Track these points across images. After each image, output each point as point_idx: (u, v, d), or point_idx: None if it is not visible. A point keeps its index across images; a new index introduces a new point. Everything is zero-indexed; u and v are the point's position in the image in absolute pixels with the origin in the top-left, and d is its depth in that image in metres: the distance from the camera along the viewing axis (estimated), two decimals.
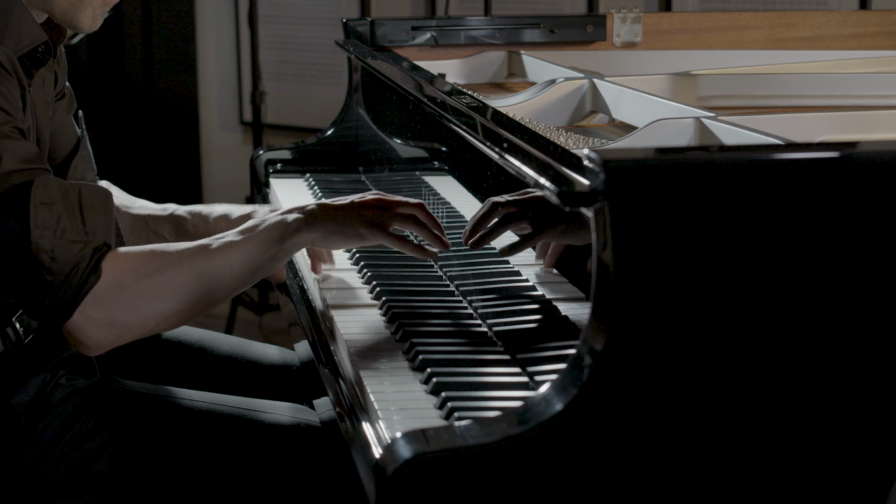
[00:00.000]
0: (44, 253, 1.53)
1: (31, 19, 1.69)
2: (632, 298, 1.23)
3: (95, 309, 1.55)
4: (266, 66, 4.46)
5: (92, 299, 1.55)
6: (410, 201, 1.74)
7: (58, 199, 1.56)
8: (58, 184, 1.58)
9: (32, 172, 1.57)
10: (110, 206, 1.61)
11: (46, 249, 1.53)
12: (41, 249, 1.53)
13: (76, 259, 1.54)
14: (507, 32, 2.69)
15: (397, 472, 1.20)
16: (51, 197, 1.56)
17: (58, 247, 1.54)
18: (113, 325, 1.57)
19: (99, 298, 1.55)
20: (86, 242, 1.56)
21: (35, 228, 1.53)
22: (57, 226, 1.55)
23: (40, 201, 1.55)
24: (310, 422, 1.78)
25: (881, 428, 1.30)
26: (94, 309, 1.55)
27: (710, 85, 2.28)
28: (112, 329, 1.57)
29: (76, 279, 1.54)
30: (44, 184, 1.56)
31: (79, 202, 1.57)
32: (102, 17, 1.73)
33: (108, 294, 1.56)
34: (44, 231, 1.54)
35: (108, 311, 1.56)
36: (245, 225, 1.68)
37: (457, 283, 1.82)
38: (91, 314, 1.55)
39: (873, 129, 1.86)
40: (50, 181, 1.57)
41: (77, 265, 1.54)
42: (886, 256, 1.27)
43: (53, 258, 1.53)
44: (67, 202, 1.56)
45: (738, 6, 3.61)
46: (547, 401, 1.25)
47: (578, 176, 1.33)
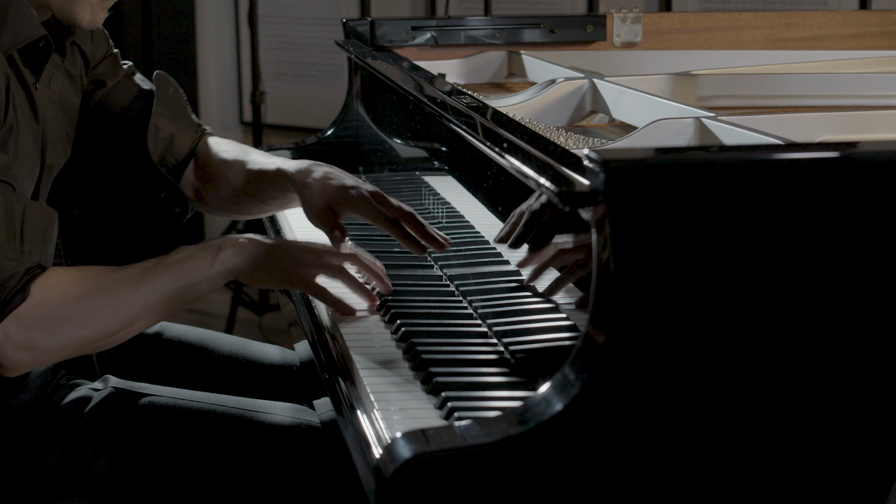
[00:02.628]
0: None
1: (30, 14, 1.68)
2: (632, 298, 1.23)
3: (17, 330, 1.53)
4: (266, 66, 4.46)
5: (15, 320, 1.53)
6: (342, 253, 1.71)
7: (0, 215, 1.55)
8: (3, 199, 1.56)
9: None
10: (53, 228, 1.60)
11: None
12: None
13: (6, 276, 1.53)
14: (507, 32, 2.69)
15: (397, 473, 1.20)
16: None
17: None
18: (33, 348, 1.56)
19: (22, 320, 1.53)
20: (20, 261, 1.54)
21: None
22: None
23: None
24: (310, 422, 1.78)
25: (881, 428, 1.30)
26: (15, 330, 1.53)
27: (710, 85, 2.28)
28: (31, 352, 1.56)
29: (2, 297, 1.52)
30: None
31: (21, 220, 1.56)
32: (103, 13, 1.72)
33: (32, 316, 1.54)
34: None
35: (30, 333, 1.54)
36: (177, 252, 1.67)
37: (457, 283, 1.82)
38: (12, 335, 1.53)
39: (873, 129, 1.86)
40: None
41: (6, 283, 1.53)
42: (886, 256, 1.27)
43: None
44: (9, 218, 1.55)
45: (738, 6, 3.61)
46: (547, 401, 1.25)
47: (578, 176, 1.33)
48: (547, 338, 1.54)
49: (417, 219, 1.76)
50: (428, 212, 2.10)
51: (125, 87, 1.97)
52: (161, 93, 1.99)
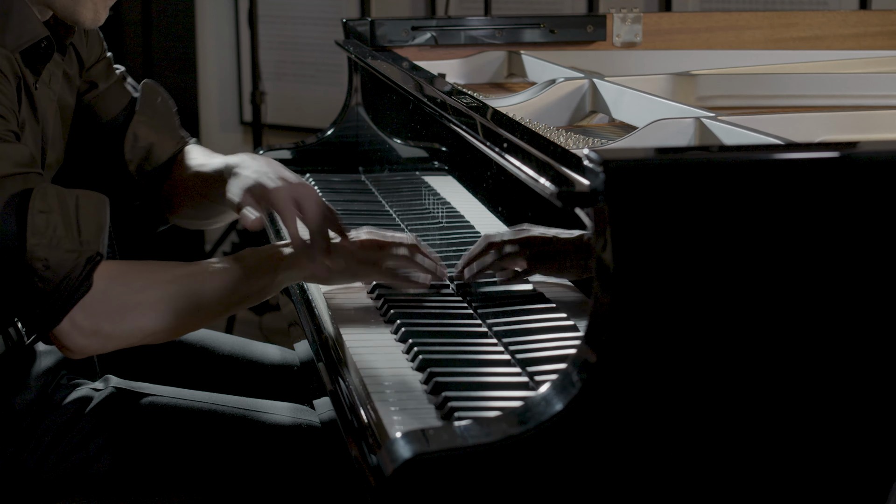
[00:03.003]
0: (38, 261, 1.54)
1: (33, 15, 1.69)
2: (632, 298, 1.23)
3: (83, 318, 1.57)
4: (266, 66, 4.46)
5: (81, 308, 1.56)
6: (405, 242, 1.74)
7: (55, 208, 1.57)
8: (56, 192, 1.58)
9: (26, 177, 1.58)
10: (105, 214, 1.62)
11: (41, 258, 1.54)
12: (36, 258, 1.54)
13: (69, 268, 1.55)
14: (507, 32, 2.69)
15: (397, 473, 1.20)
16: (49, 205, 1.56)
17: (52, 256, 1.55)
18: (98, 334, 1.59)
19: (88, 308, 1.56)
20: (80, 252, 1.56)
21: (31, 236, 1.54)
22: (53, 235, 1.55)
23: (38, 209, 1.55)
24: (310, 422, 1.78)
25: (881, 428, 1.30)
26: (82, 318, 1.57)
27: (710, 85, 2.28)
28: (97, 338, 1.59)
29: (67, 288, 1.55)
30: (42, 191, 1.57)
31: (76, 211, 1.58)
32: (105, 12, 1.73)
33: (96, 305, 1.57)
34: (40, 239, 1.54)
35: (96, 320, 1.58)
36: (241, 254, 1.69)
37: (456, 283, 1.82)
38: (79, 322, 1.57)
39: (873, 129, 1.86)
40: (49, 189, 1.58)
41: (69, 275, 1.55)
42: (886, 256, 1.27)
43: (47, 266, 1.54)
44: (65, 211, 1.57)
45: (738, 6, 3.61)
46: (547, 401, 1.25)
47: (578, 176, 1.33)
48: (547, 338, 1.54)
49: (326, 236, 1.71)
50: (428, 212, 2.10)
51: (115, 93, 1.97)
52: (146, 101, 1.99)
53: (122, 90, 1.98)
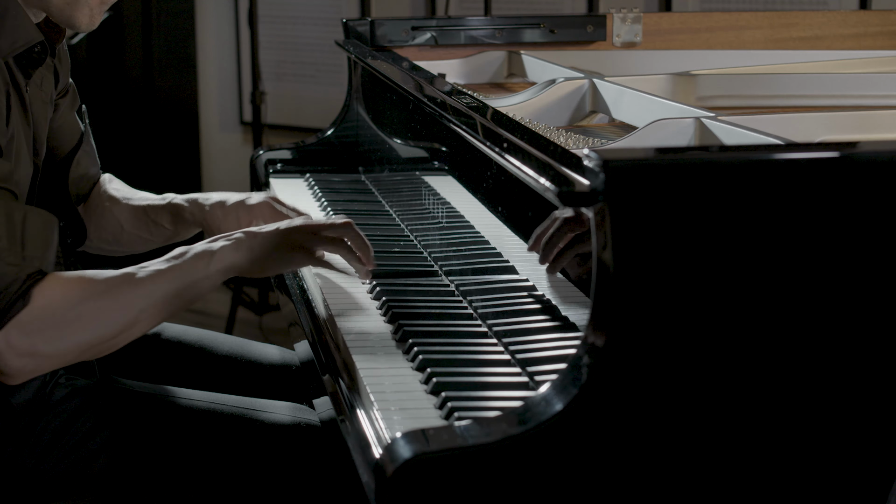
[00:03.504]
0: None
1: (27, 19, 1.69)
2: (632, 298, 1.23)
3: (18, 337, 1.54)
4: (266, 66, 4.46)
5: (16, 326, 1.53)
6: (336, 222, 1.74)
7: (1, 221, 1.55)
8: (5, 205, 1.56)
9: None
10: (54, 233, 1.60)
11: None
12: None
13: (8, 282, 1.53)
14: (507, 32, 2.69)
15: (397, 472, 1.20)
16: None
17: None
18: (35, 354, 1.56)
19: (24, 326, 1.53)
20: (21, 267, 1.54)
21: None
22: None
23: None
24: (310, 421, 1.78)
25: (881, 428, 1.30)
26: (17, 336, 1.53)
27: (710, 85, 2.28)
28: (33, 358, 1.56)
29: (3, 302, 1.52)
30: None
31: (22, 226, 1.56)
32: (101, 16, 1.73)
33: (33, 322, 1.54)
34: None
35: (31, 339, 1.54)
36: (172, 253, 1.67)
37: (457, 283, 1.82)
38: (13, 342, 1.53)
39: (873, 129, 1.86)
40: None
41: (7, 289, 1.53)
42: (886, 256, 1.27)
43: None
44: (10, 224, 1.55)
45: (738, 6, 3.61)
46: (547, 401, 1.25)
47: (578, 176, 1.33)
48: (547, 338, 1.54)
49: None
50: (428, 212, 2.10)
51: (71, 126, 1.98)
52: (86, 130, 2.02)
53: (75, 123, 1.99)
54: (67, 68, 1.93)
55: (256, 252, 1.68)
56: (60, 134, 1.96)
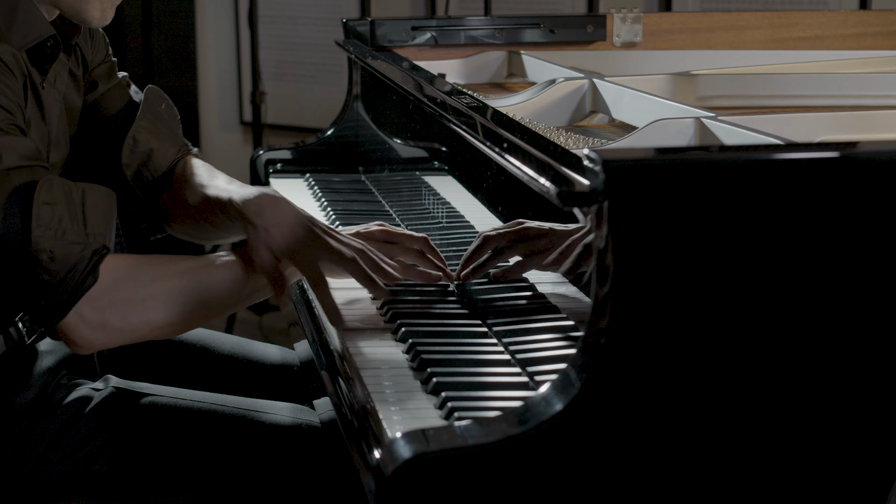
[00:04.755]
0: (43, 253, 1.54)
1: (39, 14, 1.69)
2: (632, 298, 1.23)
3: (90, 311, 1.56)
4: (266, 66, 4.46)
5: (87, 301, 1.55)
6: (416, 235, 1.74)
7: (61, 200, 1.56)
8: (62, 184, 1.58)
9: (32, 170, 1.57)
10: (113, 207, 1.61)
11: (46, 249, 1.54)
12: (41, 249, 1.54)
13: (75, 260, 1.55)
14: (507, 32, 2.69)
15: (397, 472, 1.20)
16: (54, 197, 1.56)
17: (57, 247, 1.54)
18: (105, 327, 1.58)
19: (94, 301, 1.56)
20: (85, 245, 1.56)
21: (36, 228, 1.54)
22: (58, 226, 1.55)
23: (44, 201, 1.55)
24: (310, 422, 1.78)
25: (881, 428, 1.30)
26: (88, 311, 1.56)
27: (710, 85, 2.28)
28: (104, 331, 1.58)
29: (73, 281, 1.54)
30: (48, 183, 1.56)
31: (82, 204, 1.58)
32: (112, 11, 1.73)
33: (103, 297, 1.56)
34: (45, 231, 1.54)
35: (103, 314, 1.57)
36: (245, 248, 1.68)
37: (457, 283, 1.82)
38: (85, 315, 1.56)
39: (873, 129, 1.86)
40: (55, 181, 1.57)
41: (75, 267, 1.54)
42: (886, 256, 1.27)
43: (52, 258, 1.54)
44: (70, 203, 1.57)
45: (738, 6, 3.61)
46: (547, 401, 1.25)
47: (578, 176, 1.33)
48: (547, 338, 1.54)
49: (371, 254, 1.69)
50: (428, 212, 2.10)
51: (116, 95, 1.95)
52: (149, 107, 1.94)
53: (122, 92, 1.97)
54: (102, 48, 1.92)
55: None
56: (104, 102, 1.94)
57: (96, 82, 1.94)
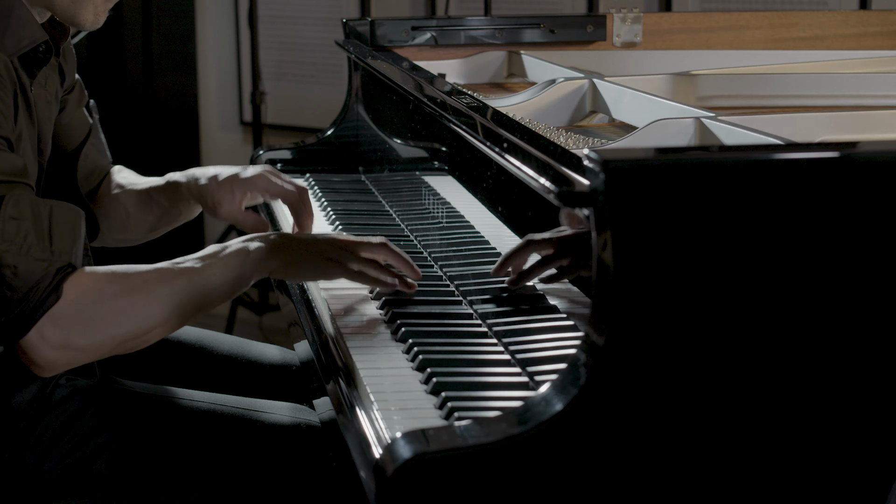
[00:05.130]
0: (6, 268, 1.52)
1: (32, 18, 1.68)
2: (632, 298, 1.23)
3: (52, 330, 1.54)
4: (266, 66, 4.46)
5: (49, 319, 1.54)
6: (373, 242, 1.73)
7: (27, 216, 1.55)
8: (30, 200, 1.57)
9: (11, 186, 1.56)
10: (80, 226, 1.60)
11: (10, 265, 1.52)
12: (4, 264, 1.52)
13: (38, 277, 1.53)
14: (507, 32, 2.69)
15: (397, 472, 1.20)
16: (21, 212, 1.55)
17: (21, 263, 1.53)
18: (68, 347, 1.56)
19: (57, 319, 1.54)
20: (50, 261, 1.55)
21: (1, 242, 1.53)
22: (24, 242, 1.53)
23: (10, 216, 1.54)
24: (310, 422, 1.78)
25: (881, 428, 1.30)
26: (50, 329, 1.54)
27: (710, 85, 2.28)
28: (66, 351, 1.57)
29: (35, 298, 1.53)
30: (16, 199, 1.55)
31: (49, 221, 1.57)
32: (105, 14, 1.73)
33: (66, 315, 1.55)
34: (10, 245, 1.53)
35: (65, 332, 1.55)
36: (207, 250, 1.68)
37: (457, 283, 1.82)
38: (47, 334, 1.54)
39: (873, 129, 1.86)
40: (22, 197, 1.56)
41: (38, 284, 1.53)
42: (886, 256, 1.27)
43: (16, 274, 1.52)
44: (37, 219, 1.56)
45: (738, 6, 3.61)
46: (547, 401, 1.25)
47: (578, 176, 1.33)
48: (547, 338, 1.54)
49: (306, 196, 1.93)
50: (428, 212, 2.10)
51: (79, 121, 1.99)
52: (95, 125, 2.02)
53: (84, 119, 1.99)
54: (73, 65, 1.93)
55: (291, 257, 1.69)
56: (69, 130, 1.96)
57: (64, 107, 1.94)
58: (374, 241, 1.73)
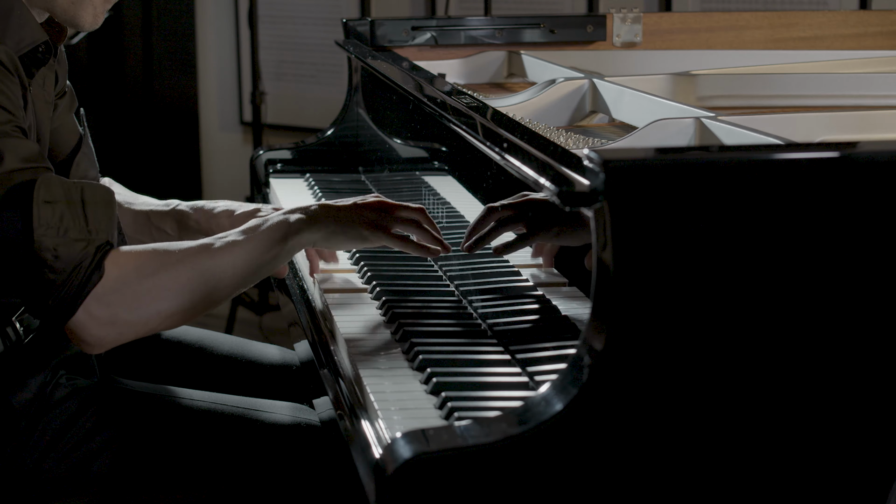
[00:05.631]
0: (47, 251, 1.53)
1: (32, 19, 1.69)
2: (632, 298, 1.23)
3: (98, 307, 1.55)
4: (266, 66, 4.46)
5: (95, 298, 1.55)
6: (411, 206, 1.74)
7: (61, 198, 1.56)
8: (61, 182, 1.58)
9: (35, 171, 1.57)
10: (112, 203, 1.61)
11: (49, 248, 1.54)
12: (44, 248, 1.53)
13: (79, 257, 1.54)
14: (507, 32, 2.69)
15: (397, 472, 1.20)
16: (54, 195, 1.56)
17: (61, 245, 1.54)
18: (116, 322, 1.57)
19: (102, 297, 1.55)
20: (88, 241, 1.56)
21: (38, 227, 1.54)
22: (60, 224, 1.55)
23: (43, 199, 1.55)
24: (310, 421, 1.78)
25: (881, 428, 1.30)
26: (97, 307, 1.55)
27: (710, 85, 2.28)
28: (115, 327, 1.57)
29: (79, 278, 1.54)
30: (47, 182, 1.56)
31: (81, 200, 1.58)
32: (104, 15, 1.73)
33: (111, 292, 1.56)
34: (47, 230, 1.54)
35: (112, 309, 1.56)
36: (247, 224, 1.68)
37: (457, 283, 1.82)
38: (94, 312, 1.55)
39: (873, 129, 1.86)
40: (53, 179, 1.57)
41: (80, 263, 1.54)
42: (886, 256, 1.27)
43: (56, 256, 1.53)
44: (70, 200, 1.57)
45: (738, 6, 3.61)
46: (547, 401, 1.25)
47: (578, 176, 1.33)
48: (547, 338, 1.54)
49: None
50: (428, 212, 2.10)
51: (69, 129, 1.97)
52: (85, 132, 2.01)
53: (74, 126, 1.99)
54: (65, 70, 1.93)
55: (332, 226, 1.70)
56: (58, 135, 1.96)
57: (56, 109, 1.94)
58: (412, 205, 1.75)
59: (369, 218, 1.71)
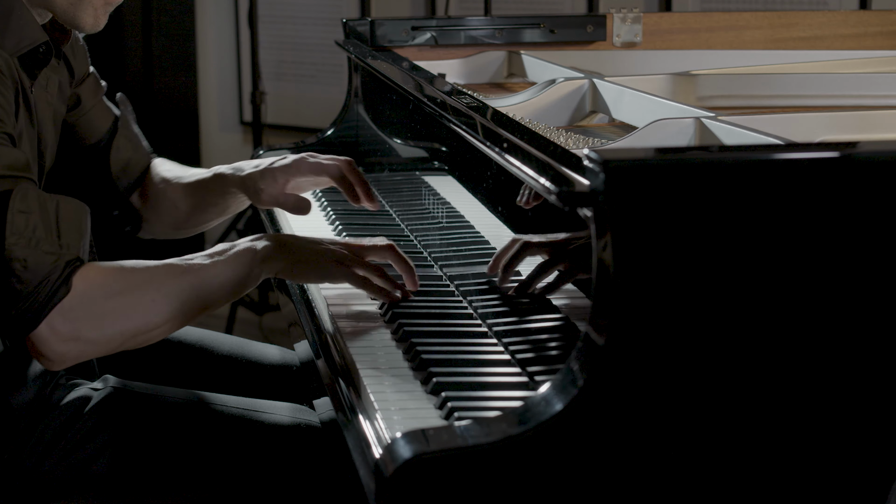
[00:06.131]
0: (16, 261, 1.53)
1: (32, 20, 1.68)
2: (632, 298, 1.23)
3: (62, 322, 1.54)
4: (266, 66, 4.46)
5: (59, 312, 1.54)
6: (378, 245, 1.74)
7: (35, 209, 1.55)
8: (37, 194, 1.57)
9: (16, 180, 1.56)
10: (86, 221, 1.61)
11: (19, 258, 1.53)
12: (14, 258, 1.53)
13: (48, 270, 1.54)
14: (507, 32, 2.69)
15: (397, 472, 1.20)
16: (28, 206, 1.55)
17: (31, 256, 1.53)
18: (78, 339, 1.57)
19: (66, 312, 1.54)
20: (59, 255, 1.55)
21: (10, 235, 1.53)
22: (32, 235, 1.54)
23: (18, 209, 1.54)
24: (310, 422, 1.78)
25: (881, 428, 1.30)
26: (60, 322, 1.54)
27: (710, 85, 2.28)
28: (77, 344, 1.57)
29: (45, 291, 1.53)
30: (24, 192, 1.56)
31: (56, 215, 1.57)
32: (105, 17, 1.73)
33: (76, 308, 1.55)
34: (18, 238, 1.53)
35: (75, 325, 1.55)
36: (215, 248, 1.68)
37: (457, 283, 1.82)
38: (57, 327, 1.54)
39: (873, 129, 1.86)
40: (30, 191, 1.57)
41: (48, 277, 1.53)
42: (886, 256, 1.27)
43: (25, 267, 1.53)
44: (44, 213, 1.56)
45: (738, 6, 3.61)
46: (547, 401, 1.25)
47: (578, 176, 1.33)
48: (547, 338, 1.54)
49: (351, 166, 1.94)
50: (428, 212, 2.10)
51: (100, 112, 1.99)
52: (124, 118, 2.04)
53: (105, 109, 2.00)
54: (84, 57, 1.94)
55: (298, 257, 1.70)
56: (89, 122, 1.97)
57: (80, 98, 1.94)
58: (380, 245, 1.73)
59: (337, 255, 1.71)
